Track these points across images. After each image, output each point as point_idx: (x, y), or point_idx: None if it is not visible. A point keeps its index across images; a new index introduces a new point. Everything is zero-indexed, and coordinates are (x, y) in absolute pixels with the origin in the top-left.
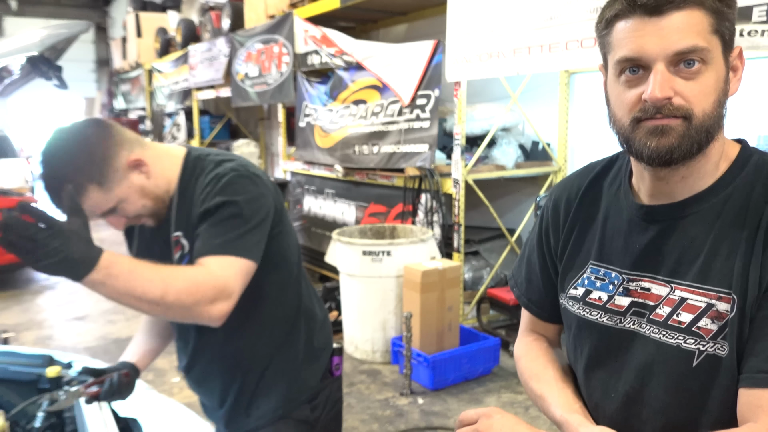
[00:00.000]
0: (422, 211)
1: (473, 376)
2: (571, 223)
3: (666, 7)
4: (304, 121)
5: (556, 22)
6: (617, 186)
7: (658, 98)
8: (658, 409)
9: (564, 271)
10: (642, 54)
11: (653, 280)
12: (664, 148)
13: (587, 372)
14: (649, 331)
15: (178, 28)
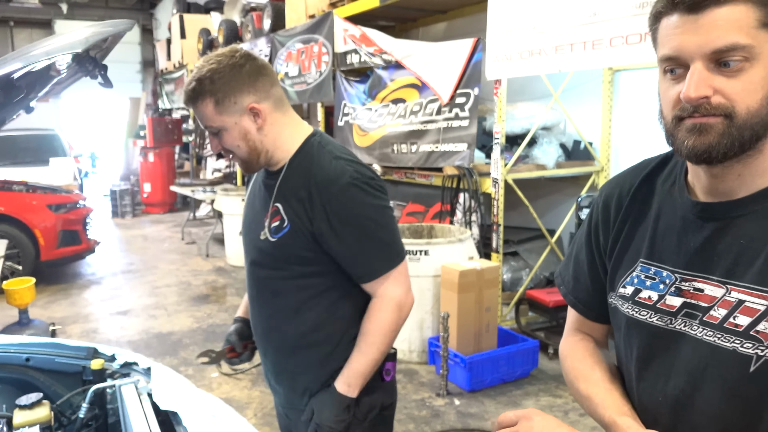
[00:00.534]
0: (460, 211)
1: (511, 378)
2: (622, 221)
3: (705, 3)
4: (342, 120)
5: (600, 18)
6: (671, 183)
7: (692, 98)
8: (712, 416)
9: (613, 269)
10: (680, 53)
11: (707, 280)
12: (702, 146)
13: (636, 373)
14: (701, 334)
15: (221, 29)
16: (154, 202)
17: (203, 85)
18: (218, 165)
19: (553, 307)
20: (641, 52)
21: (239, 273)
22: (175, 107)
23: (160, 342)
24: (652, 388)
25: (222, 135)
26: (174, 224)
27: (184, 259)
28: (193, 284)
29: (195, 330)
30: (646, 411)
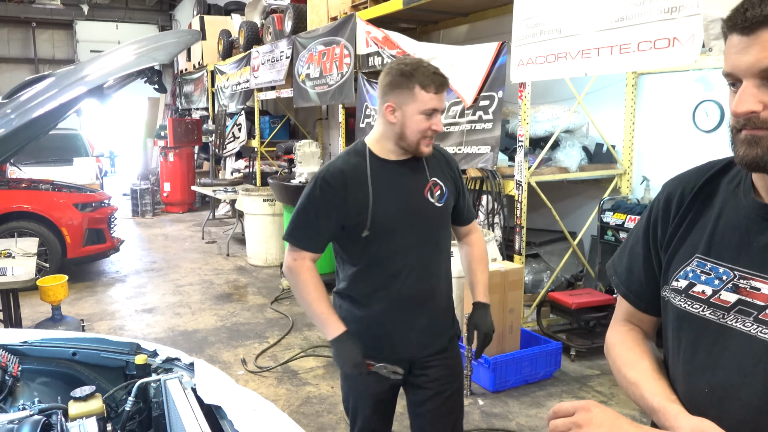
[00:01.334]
0: (483, 213)
1: (534, 379)
2: (682, 217)
3: (757, 27)
4: (364, 121)
5: (627, 23)
6: (736, 184)
7: (738, 113)
8: (759, 410)
9: (668, 263)
10: (733, 70)
11: (765, 280)
12: (750, 157)
13: (683, 365)
14: (756, 331)
15: (241, 31)
16: (174, 201)
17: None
18: (237, 165)
19: (576, 309)
20: (670, 57)
21: (260, 272)
22: (193, 107)
23: (186, 339)
24: (698, 380)
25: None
26: (194, 223)
27: (206, 258)
28: (216, 283)
29: (219, 328)
30: (691, 402)
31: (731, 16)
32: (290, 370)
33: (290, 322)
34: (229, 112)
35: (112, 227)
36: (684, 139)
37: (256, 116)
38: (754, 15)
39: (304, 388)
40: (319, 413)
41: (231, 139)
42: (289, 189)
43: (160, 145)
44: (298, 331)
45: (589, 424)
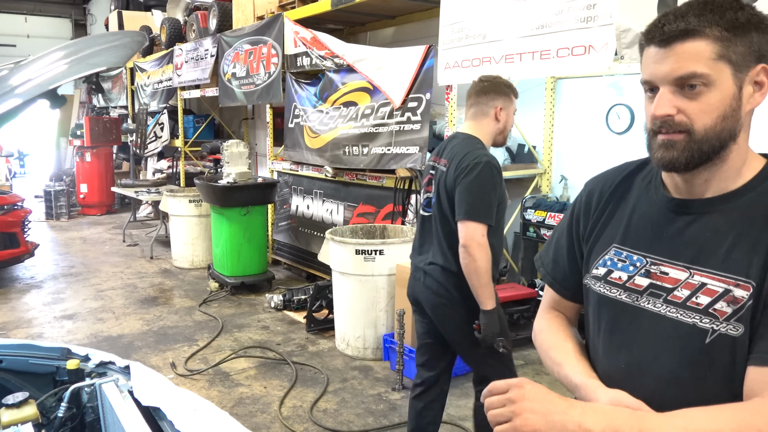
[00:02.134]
0: (412, 212)
1: (463, 371)
2: (601, 211)
3: (672, 40)
4: (293, 122)
5: (547, 30)
6: (649, 181)
7: (657, 115)
8: (669, 380)
9: (589, 252)
10: (652, 78)
11: (673, 265)
12: (668, 159)
13: (603, 345)
14: (665, 310)
15: (163, 27)
16: (92, 203)
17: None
18: (160, 165)
19: (503, 302)
20: (586, 63)
21: (186, 275)
22: (112, 106)
23: (110, 345)
24: (616, 358)
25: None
26: (113, 226)
27: (128, 261)
28: (140, 287)
29: (146, 332)
30: (610, 378)
31: (650, 30)
32: (222, 372)
33: (220, 324)
34: (150, 110)
35: (26, 231)
36: (598, 141)
37: (180, 115)
38: (670, 29)
39: (237, 389)
40: (253, 413)
41: (153, 139)
42: (217, 189)
43: (76, 145)
44: (228, 333)
45: (522, 400)
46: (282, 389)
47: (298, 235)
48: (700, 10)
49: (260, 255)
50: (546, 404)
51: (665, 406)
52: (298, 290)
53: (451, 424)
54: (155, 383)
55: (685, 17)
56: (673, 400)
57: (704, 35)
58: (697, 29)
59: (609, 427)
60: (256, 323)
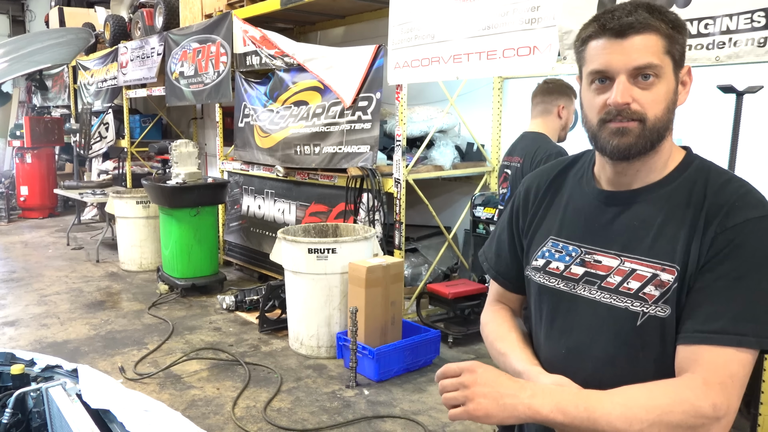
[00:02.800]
0: (364, 210)
1: (416, 367)
2: (538, 205)
3: (628, 31)
4: (243, 121)
5: (493, 31)
6: (581, 176)
7: (619, 103)
8: (606, 361)
9: (528, 245)
10: (608, 68)
11: (605, 253)
12: (624, 145)
13: (545, 332)
14: (600, 296)
15: (107, 25)
16: (33, 206)
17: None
18: (105, 167)
19: (452, 299)
20: (531, 63)
21: (134, 278)
22: (53, 105)
23: (56, 351)
24: (557, 344)
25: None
26: (57, 229)
27: (73, 265)
28: (86, 291)
29: (93, 337)
30: (551, 363)
31: (603, 23)
32: (173, 375)
33: (170, 327)
34: (94, 110)
35: None
36: None
37: (125, 115)
38: (627, 21)
39: (189, 392)
40: (206, 415)
41: (97, 139)
42: (166, 190)
43: (15, 146)
44: (179, 336)
45: (475, 385)
46: (235, 390)
47: (250, 235)
48: (648, 8)
49: (211, 256)
50: (497, 387)
51: (603, 386)
52: (250, 291)
53: (405, 419)
54: (104, 386)
55: (637, 12)
56: (611, 380)
57: (656, 29)
58: (651, 23)
59: (557, 407)
60: (207, 325)
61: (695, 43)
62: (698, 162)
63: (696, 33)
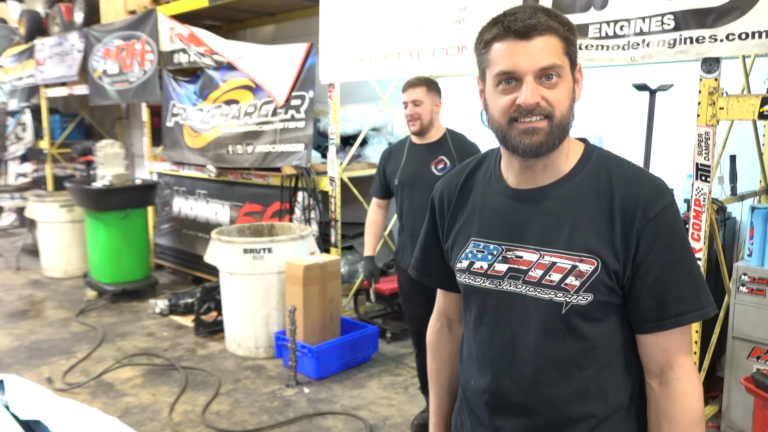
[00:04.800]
0: (299, 209)
1: (355, 363)
2: (454, 209)
3: (532, 33)
4: (172, 120)
5: (424, 31)
6: (489, 176)
7: (530, 103)
8: (538, 351)
9: (451, 248)
10: (515, 69)
11: (525, 248)
12: (535, 144)
13: (476, 330)
14: (525, 290)
15: (22, 20)
16: None
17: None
18: (23, 169)
19: (389, 294)
20: (460, 63)
21: (59, 285)
22: None
23: None
24: (490, 339)
25: (418, 108)
26: None
27: None
28: (6, 300)
29: (16, 348)
30: (487, 359)
31: (507, 25)
32: (105, 383)
33: (100, 334)
34: (9, 110)
35: None
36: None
37: (44, 115)
38: (530, 24)
39: (123, 399)
40: (142, 422)
41: (14, 141)
42: (92, 192)
43: None
44: (111, 342)
45: None
46: (172, 395)
47: (182, 237)
48: (545, 11)
49: (142, 260)
50: None
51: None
52: (185, 294)
53: (346, 414)
54: (34, 395)
55: (537, 15)
56: (544, 369)
57: (555, 32)
58: (551, 26)
59: None
60: (140, 330)
61: (612, 44)
62: (597, 153)
63: (612, 34)
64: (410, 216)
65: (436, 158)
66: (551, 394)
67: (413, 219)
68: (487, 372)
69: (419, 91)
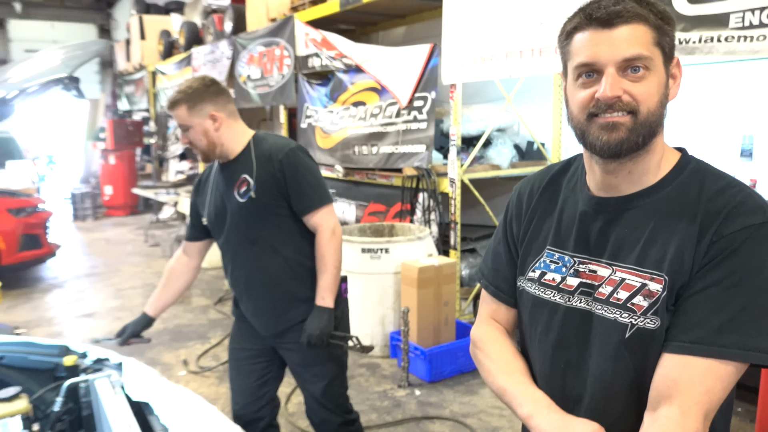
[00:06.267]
0: (420, 210)
1: (468, 369)
2: (532, 213)
3: (616, 20)
4: (305, 122)
5: (547, 27)
6: (575, 182)
7: (609, 96)
8: (598, 376)
9: (524, 255)
10: (596, 60)
11: (598, 263)
12: (615, 141)
13: (540, 346)
14: (592, 307)
15: (182, 31)
16: (116, 204)
17: (181, 95)
18: (181, 167)
19: None
20: None
21: (204, 274)
22: (135, 109)
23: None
24: (553, 358)
25: (190, 132)
26: (136, 227)
27: (148, 261)
28: None
29: (161, 330)
30: (549, 378)
31: (589, 12)
32: None
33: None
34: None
35: (48, 232)
36: None
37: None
38: (615, 11)
39: None
40: None
41: (174, 141)
42: None
43: (100, 148)
44: None
45: None
46: (290, 386)
47: None
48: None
49: None
50: None
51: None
52: None
53: (454, 421)
54: (146, 379)
55: (624, 2)
56: (603, 397)
57: (645, 20)
58: (640, 13)
59: None
60: None
61: (757, 34)
62: (694, 164)
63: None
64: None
65: (238, 179)
66: (610, 427)
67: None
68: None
69: (180, 113)
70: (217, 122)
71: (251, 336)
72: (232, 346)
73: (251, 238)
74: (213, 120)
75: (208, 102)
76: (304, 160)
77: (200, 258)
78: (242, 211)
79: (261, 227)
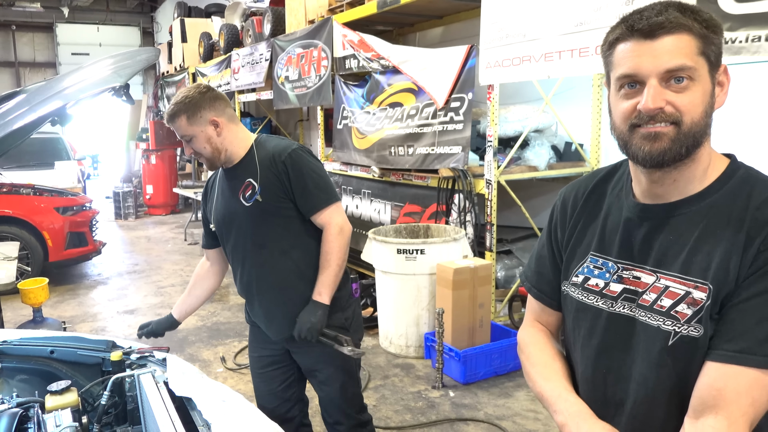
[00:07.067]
0: (456, 211)
1: (504, 371)
2: (577, 218)
3: (659, 31)
4: (341, 123)
5: (586, 28)
6: (620, 188)
7: (651, 108)
8: (640, 382)
9: (567, 260)
10: (638, 71)
11: (642, 269)
12: (657, 151)
13: (583, 351)
14: (636, 314)
15: (221, 33)
16: (157, 203)
17: (178, 106)
18: None
19: None
20: None
21: None
22: None
23: (166, 339)
24: (596, 363)
25: (193, 141)
26: (176, 225)
27: (188, 259)
28: None
29: (200, 328)
30: (591, 383)
31: (631, 23)
32: None
33: None
34: None
35: (93, 230)
36: None
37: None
38: (657, 21)
39: None
40: None
41: None
42: None
43: (142, 148)
44: None
45: None
46: None
47: None
48: (679, 7)
49: None
50: None
51: (638, 409)
52: None
53: (488, 423)
54: (189, 375)
55: (667, 12)
56: (645, 404)
57: (688, 29)
58: (683, 23)
59: None
60: None
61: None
62: (743, 172)
63: None
64: (247, 278)
65: (243, 183)
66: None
67: (253, 282)
68: (586, 399)
69: (180, 124)
70: (219, 127)
71: (266, 342)
72: (251, 354)
73: (259, 241)
74: (215, 125)
75: (207, 108)
76: (307, 159)
77: (222, 262)
78: (249, 215)
79: (268, 230)
